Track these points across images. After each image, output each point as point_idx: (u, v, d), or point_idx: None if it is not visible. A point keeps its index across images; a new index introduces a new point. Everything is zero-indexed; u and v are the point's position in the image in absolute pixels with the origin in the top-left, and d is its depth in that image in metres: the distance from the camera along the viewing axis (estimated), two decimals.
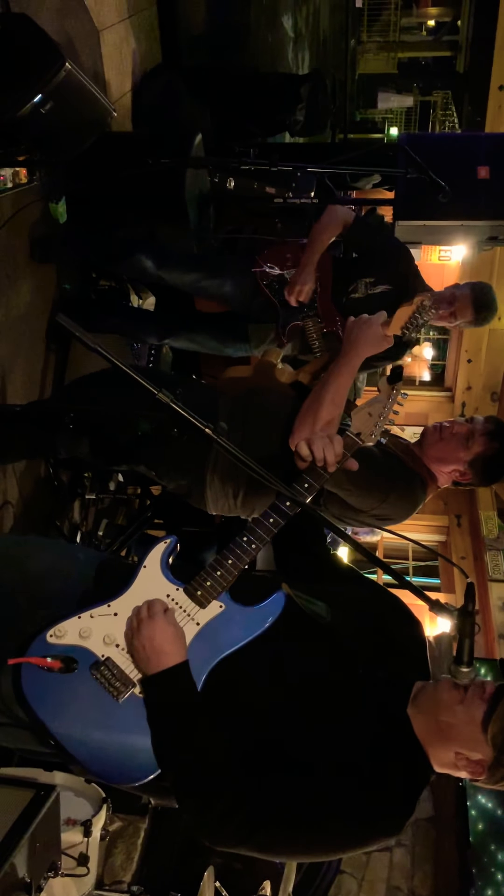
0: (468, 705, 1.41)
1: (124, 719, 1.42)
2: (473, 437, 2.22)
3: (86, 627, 1.48)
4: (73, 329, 1.54)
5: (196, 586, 1.52)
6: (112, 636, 1.47)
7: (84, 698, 1.43)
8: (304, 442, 1.70)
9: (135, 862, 3.42)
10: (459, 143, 4.15)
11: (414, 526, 7.43)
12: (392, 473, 2.22)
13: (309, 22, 8.46)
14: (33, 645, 1.46)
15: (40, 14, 2.84)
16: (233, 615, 1.51)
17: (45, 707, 1.43)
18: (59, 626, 1.47)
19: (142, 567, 1.55)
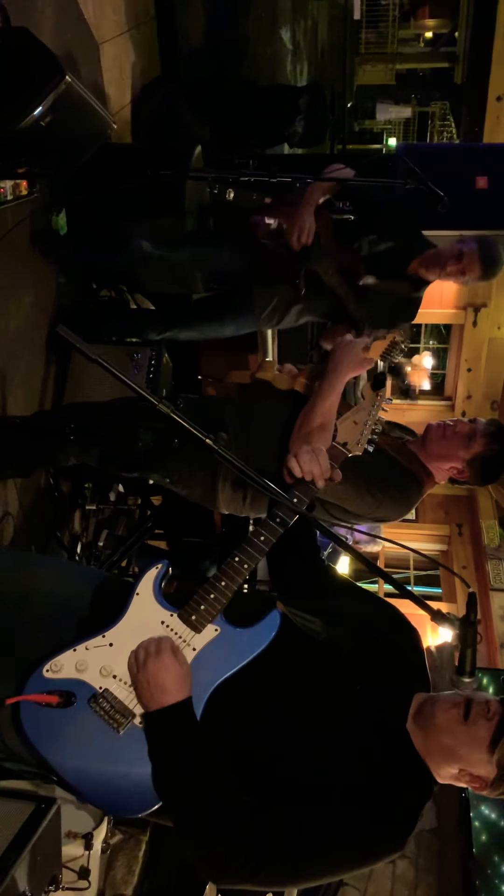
0: (472, 726, 1.39)
1: (125, 751, 1.41)
2: (475, 438, 2.27)
3: (82, 660, 1.46)
4: (73, 340, 1.54)
5: (190, 611, 1.50)
6: (109, 667, 1.46)
7: (84, 731, 1.42)
8: (292, 457, 1.70)
9: (136, 875, 3.40)
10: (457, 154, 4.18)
11: (415, 535, 7.42)
12: (385, 478, 2.26)
13: (307, 34, 8.51)
14: (30, 681, 1.45)
15: (40, 27, 2.86)
16: (229, 638, 1.50)
17: (46, 742, 1.42)
18: (55, 661, 1.46)
19: (134, 594, 1.54)
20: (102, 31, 3.58)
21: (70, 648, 1.47)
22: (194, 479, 2.35)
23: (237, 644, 1.49)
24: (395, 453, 2.33)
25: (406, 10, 13.48)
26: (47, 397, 3.21)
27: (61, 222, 3.08)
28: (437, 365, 8.32)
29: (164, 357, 3.38)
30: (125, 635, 1.49)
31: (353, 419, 1.75)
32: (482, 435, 2.27)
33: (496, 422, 2.32)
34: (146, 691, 1.41)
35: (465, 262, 2.90)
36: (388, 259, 2.99)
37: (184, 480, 2.39)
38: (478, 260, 2.90)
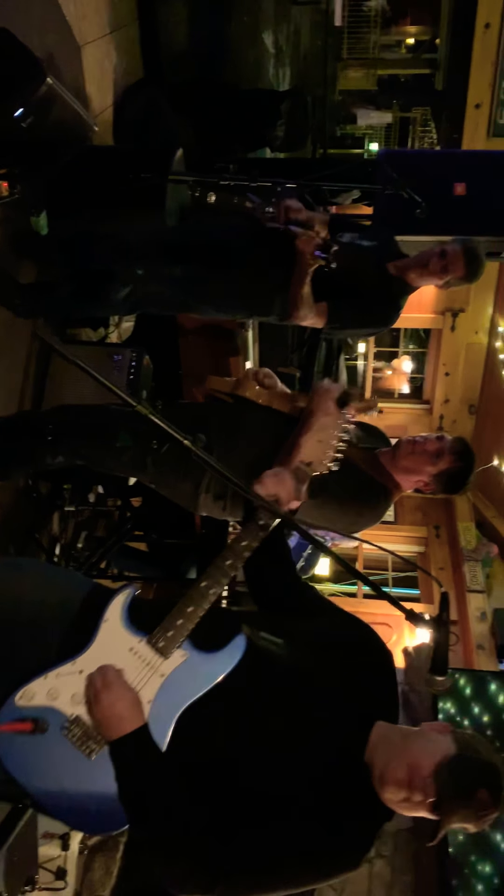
0: None
1: (98, 775, 1.45)
2: (442, 455, 2.39)
3: (53, 688, 1.49)
4: (51, 341, 1.55)
5: (158, 638, 1.53)
6: (80, 695, 1.49)
7: (57, 757, 1.46)
8: (257, 482, 1.71)
9: (114, 876, 3.40)
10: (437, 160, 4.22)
11: (393, 536, 7.46)
12: (358, 495, 2.38)
13: (290, 39, 8.54)
14: (3, 709, 1.47)
15: (21, 29, 2.85)
16: (196, 663, 1.53)
17: (20, 768, 1.46)
18: (27, 689, 1.49)
19: (103, 621, 1.56)
20: (84, 33, 3.58)
21: (41, 675, 1.50)
22: (178, 490, 2.45)
23: (204, 669, 1.52)
24: (365, 467, 2.42)
25: (388, 17, 13.57)
26: (26, 399, 3.20)
27: (42, 223, 3.07)
28: (415, 369, 8.39)
29: (144, 358, 3.39)
30: (95, 662, 1.52)
31: (318, 437, 1.75)
32: (449, 452, 2.39)
33: (462, 439, 2.44)
34: (105, 722, 1.45)
35: (449, 260, 2.90)
36: (368, 252, 3.00)
37: (168, 488, 2.48)
38: (461, 258, 2.90)
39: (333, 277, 2.83)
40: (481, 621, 5.89)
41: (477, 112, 5.64)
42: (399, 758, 1.44)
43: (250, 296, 3.06)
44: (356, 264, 2.92)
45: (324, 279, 2.84)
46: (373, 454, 2.48)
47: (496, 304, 6.67)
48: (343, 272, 2.82)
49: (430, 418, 7.65)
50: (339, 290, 2.88)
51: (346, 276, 2.86)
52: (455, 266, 2.91)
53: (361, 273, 2.92)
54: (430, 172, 3.71)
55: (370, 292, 2.94)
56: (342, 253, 2.83)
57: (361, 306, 2.94)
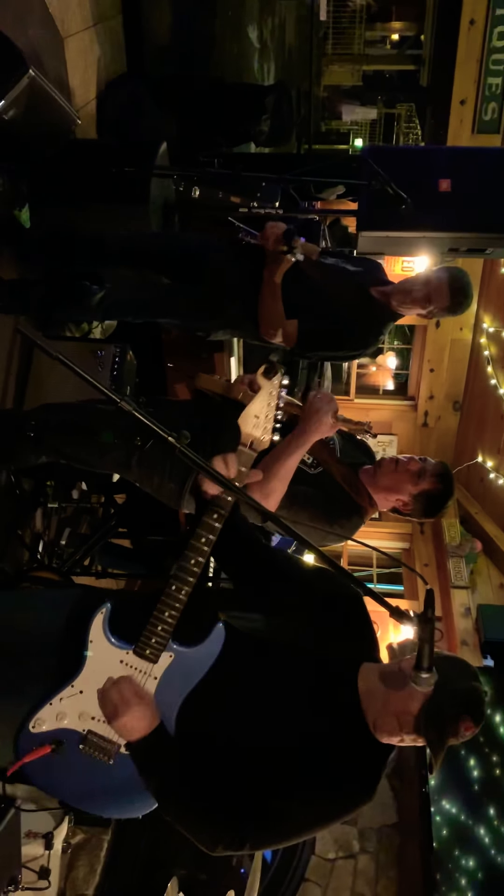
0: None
1: (121, 775, 1.60)
2: (424, 476, 2.41)
3: (60, 711, 1.61)
4: (34, 337, 1.54)
5: (144, 646, 1.63)
6: (87, 712, 1.61)
7: (81, 770, 1.60)
8: (201, 476, 1.72)
9: (98, 874, 3.39)
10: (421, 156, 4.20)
11: (377, 533, 7.48)
12: (330, 510, 2.40)
13: (274, 33, 8.53)
14: (20, 741, 1.60)
15: (4, 21, 2.83)
16: (183, 660, 1.64)
17: (54, 786, 1.65)
18: (37, 717, 1.61)
19: (89, 641, 1.65)
20: (67, 25, 3.55)
21: (47, 703, 1.62)
22: (162, 489, 2.46)
23: (192, 663, 1.63)
24: (344, 484, 2.44)
25: (373, 13, 13.57)
26: (8, 396, 3.18)
27: (24, 217, 3.05)
28: (400, 365, 8.40)
29: (128, 354, 3.37)
30: (91, 680, 1.63)
31: (254, 413, 1.73)
32: (431, 474, 2.41)
33: (444, 464, 2.46)
34: (125, 732, 1.58)
35: (433, 289, 2.85)
36: (353, 279, 2.97)
37: (152, 487, 2.48)
38: (446, 287, 2.85)
39: (313, 300, 2.81)
40: (465, 617, 5.92)
41: (462, 108, 5.66)
42: (385, 710, 1.54)
43: (221, 311, 3.02)
44: (338, 286, 2.89)
45: (302, 303, 2.82)
46: (353, 471, 2.49)
47: (480, 300, 6.69)
48: (324, 294, 2.81)
49: (415, 414, 7.68)
50: (316, 311, 2.85)
51: (327, 299, 2.84)
52: (438, 296, 2.86)
53: (343, 296, 2.90)
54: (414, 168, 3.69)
55: (351, 315, 2.90)
56: (325, 272, 2.81)
57: (337, 328, 2.90)
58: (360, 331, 2.97)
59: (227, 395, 2.49)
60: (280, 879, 3.87)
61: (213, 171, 2.94)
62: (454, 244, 3.38)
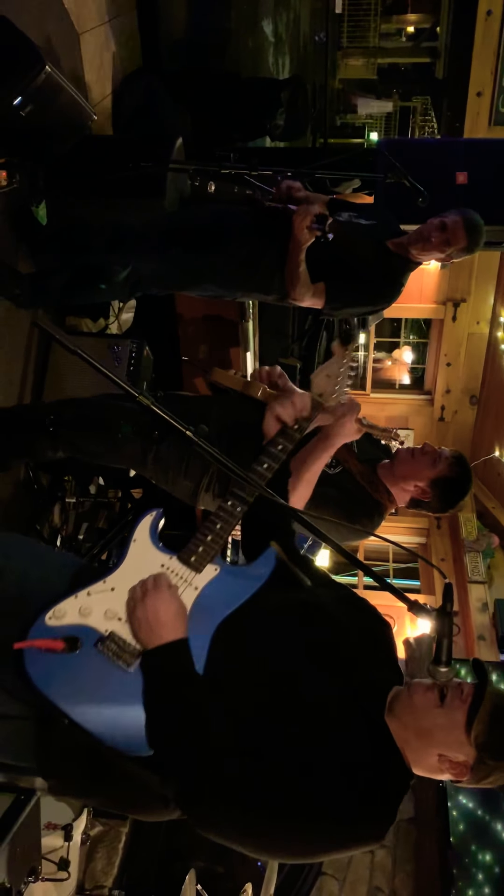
0: (448, 708, 1.41)
1: (136, 689, 1.42)
2: (440, 460, 2.44)
3: (85, 606, 1.47)
4: (52, 331, 1.54)
5: (189, 553, 1.54)
6: (113, 611, 1.47)
7: (93, 675, 1.42)
8: (277, 405, 1.78)
9: (116, 866, 3.41)
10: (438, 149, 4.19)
11: (394, 528, 7.46)
12: (352, 511, 2.42)
13: (289, 27, 8.49)
14: (32, 629, 1.44)
15: (20, 17, 2.83)
16: (229, 575, 1.55)
17: (55, 688, 1.41)
18: (58, 607, 1.46)
19: (132, 541, 1.57)
20: (83, 21, 3.56)
21: (71, 595, 1.48)
22: (178, 486, 2.48)
23: (238, 580, 1.54)
24: (363, 481, 2.46)
25: (388, 5, 13.49)
26: (26, 390, 3.20)
27: (41, 213, 3.06)
28: (416, 359, 8.37)
29: (144, 349, 3.38)
30: (126, 579, 1.51)
31: (326, 372, 1.80)
32: (447, 458, 2.45)
33: (459, 452, 2.50)
34: (144, 625, 1.44)
35: (450, 231, 2.83)
36: (369, 233, 2.96)
37: (168, 484, 2.50)
38: (462, 228, 2.83)
39: (331, 256, 2.81)
40: (482, 612, 5.90)
41: (478, 100, 5.61)
42: (426, 749, 1.42)
43: (249, 273, 3.04)
44: (354, 241, 2.89)
45: (321, 259, 2.82)
46: (371, 468, 2.52)
47: (497, 294, 6.65)
48: (341, 250, 2.80)
49: (432, 409, 7.64)
50: (337, 269, 2.85)
51: (344, 254, 2.84)
52: (456, 237, 2.83)
53: (360, 250, 2.89)
54: (431, 161, 3.68)
55: (369, 269, 2.90)
56: (340, 229, 2.81)
57: (360, 284, 2.91)
58: (382, 283, 2.96)
59: (246, 392, 2.49)
60: (297, 873, 3.88)
61: (229, 165, 2.92)
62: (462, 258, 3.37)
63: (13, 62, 2.47)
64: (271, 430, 1.79)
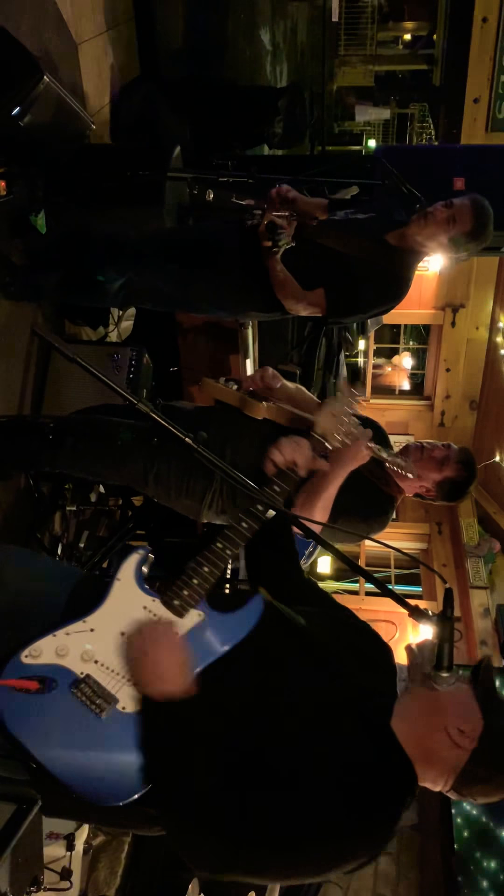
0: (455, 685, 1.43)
1: (108, 737, 1.38)
2: (448, 463, 2.42)
3: (62, 645, 1.43)
4: (51, 339, 1.54)
5: (173, 596, 1.49)
6: (90, 652, 1.43)
7: (65, 718, 1.38)
8: (275, 448, 1.74)
9: (118, 876, 3.40)
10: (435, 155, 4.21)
11: (395, 534, 7.46)
12: (366, 509, 2.42)
13: (287, 36, 8.52)
14: (7, 667, 1.40)
15: (18, 27, 2.85)
16: (213, 623, 1.48)
17: (25, 730, 1.37)
18: (35, 646, 1.42)
19: (115, 580, 1.52)
20: (81, 30, 3.57)
21: (49, 634, 1.44)
22: (180, 504, 2.45)
23: (222, 629, 1.48)
24: (371, 477, 2.44)
25: (385, 13, 13.54)
26: (26, 398, 3.20)
27: (40, 222, 3.07)
28: (416, 365, 8.37)
29: (144, 357, 3.38)
30: (106, 620, 1.47)
31: (331, 411, 1.79)
32: (455, 461, 2.42)
33: (467, 450, 2.47)
34: (155, 676, 1.38)
35: (456, 209, 2.69)
36: (363, 224, 2.88)
37: (170, 502, 2.47)
38: (469, 209, 2.69)
39: (327, 260, 2.74)
40: (484, 617, 5.89)
41: (475, 106, 5.63)
42: (436, 769, 1.41)
43: (246, 295, 2.98)
44: (350, 241, 2.79)
45: (317, 264, 2.75)
46: (377, 463, 2.47)
47: (496, 299, 6.66)
48: (336, 252, 2.73)
49: (432, 414, 7.64)
50: (335, 273, 2.75)
51: (341, 257, 2.75)
52: (462, 216, 2.68)
53: (358, 250, 2.78)
54: (428, 167, 3.69)
55: (369, 269, 2.78)
56: (329, 231, 2.75)
57: (362, 285, 2.79)
58: (385, 282, 2.84)
59: (243, 410, 2.43)
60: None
61: (227, 172, 2.94)
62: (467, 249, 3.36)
63: (11, 72, 2.49)
64: (269, 471, 1.75)
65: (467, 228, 2.70)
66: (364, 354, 7.87)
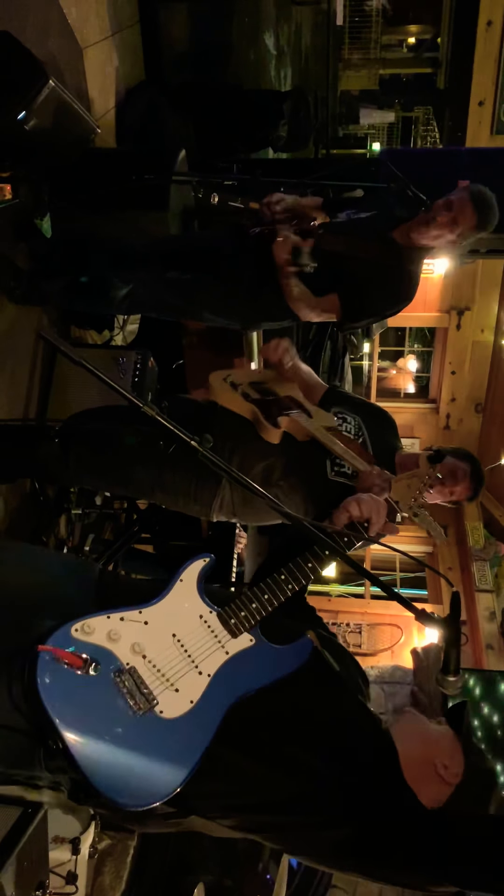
0: None
1: (140, 736, 1.35)
2: (457, 488, 2.38)
3: (115, 630, 1.40)
4: (57, 343, 1.54)
5: (230, 614, 1.50)
6: (141, 645, 1.41)
7: (101, 705, 1.35)
8: (354, 500, 1.74)
9: (124, 880, 3.39)
10: (440, 158, 4.21)
11: (401, 537, 7.38)
12: None
13: (291, 40, 8.54)
14: (55, 634, 1.36)
15: (24, 32, 2.86)
16: (262, 651, 1.50)
17: (58, 706, 1.31)
18: (87, 622, 1.39)
19: (178, 580, 1.53)
20: (86, 35, 3.58)
21: (104, 614, 1.42)
22: (188, 510, 2.41)
23: (269, 659, 1.49)
24: None
25: (389, 16, 13.56)
26: (31, 402, 3.20)
27: (45, 226, 3.07)
28: (421, 368, 8.37)
29: (149, 360, 3.38)
30: (161, 618, 1.46)
31: (408, 482, 1.78)
32: (465, 488, 2.38)
33: (476, 467, 2.42)
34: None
35: (456, 209, 2.67)
36: (367, 224, 2.85)
37: (178, 508, 2.43)
38: (470, 204, 2.67)
39: (336, 265, 2.71)
40: (490, 621, 5.87)
41: (480, 109, 5.64)
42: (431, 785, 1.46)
43: (253, 307, 2.96)
44: (357, 243, 2.76)
45: (327, 269, 2.72)
46: (387, 463, 2.44)
47: (502, 301, 6.65)
48: (344, 256, 2.71)
49: (437, 417, 7.64)
50: (346, 277, 2.72)
51: (350, 261, 2.72)
52: (464, 214, 2.66)
53: (365, 251, 2.75)
54: (433, 171, 3.69)
55: (379, 270, 2.75)
56: (337, 238, 2.73)
57: (374, 288, 2.77)
58: (396, 282, 2.81)
59: (258, 431, 2.32)
60: (307, 885, 3.85)
61: (232, 176, 2.94)
62: (474, 245, 3.36)
63: (17, 77, 2.50)
64: (340, 522, 1.74)
65: (472, 224, 2.70)
66: (369, 357, 7.87)
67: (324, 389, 2.57)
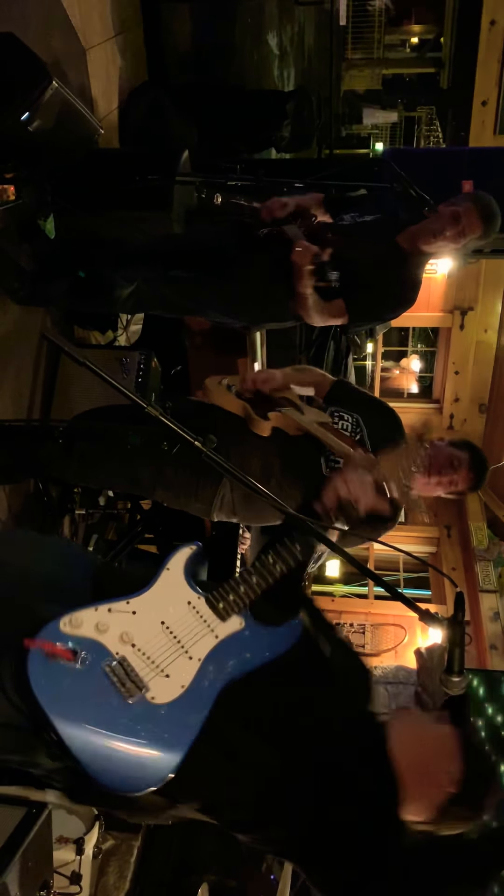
0: None
1: (132, 723, 1.37)
2: (458, 490, 2.43)
3: (103, 621, 1.43)
4: (61, 343, 1.55)
5: (218, 598, 1.50)
6: (129, 634, 1.43)
7: (92, 694, 1.38)
8: (340, 479, 1.70)
9: (128, 880, 3.39)
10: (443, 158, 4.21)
11: (405, 537, 7.44)
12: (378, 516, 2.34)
13: (294, 40, 8.54)
14: (44, 630, 1.39)
15: (27, 33, 2.86)
16: (252, 634, 1.50)
17: (50, 698, 1.35)
18: (75, 615, 1.42)
19: (165, 569, 1.54)
20: (89, 36, 3.59)
21: (91, 607, 1.44)
22: (190, 508, 2.43)
23: (259, 642, 1.49)
24: None
25: (392, 16, 13.55)
26: (35, 402, 3.21)
27: (49, 227, 3.08)
28: (424, 368, 8.37)
29: (152, 361, 3.39)
30: (149, 607, 1.48)
31: (395, 461, 1.74)
32: (465, 485, 2.41)
33: (480, 459, 2.43)
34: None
35: (464, 222, 2.71)
36: (372, 228, 2.86)
37: (180, 507, 2.45)
38: (476, 216, 2.71)
39: (343, 271, 2.71)
40: (494, 621, 5.87)
41: (483, 109, 5.64)
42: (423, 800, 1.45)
43: (258, 306, 2.96)
44: (363, 247, 2.78)
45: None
46: None
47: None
48: (351, 261, 2.71)
49: (441, 417, 7.63)
50: (353, 282, 2.73)
51: (356, 265, 2.72)
52: (472, 226, 2.72)
53: (371, 255, 2.77)
54: (437, 170, 3.69)
55: (385, 275, 2.78)
56: (344, 241, 2.74)
57: (379, 293, 2.80)
58: (401, 287, 2.84)
59: (248, 425, 2.35)
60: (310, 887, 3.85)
61: (235, 176, 2.93)
62: (478, 245, 3.35)
63: (20, 78, 2.50)
64: (329, 502, 1.70)
65: (479, 234, 2.75)
66: (372, 357, 7.87)
67: (330, 384, 2.58)
